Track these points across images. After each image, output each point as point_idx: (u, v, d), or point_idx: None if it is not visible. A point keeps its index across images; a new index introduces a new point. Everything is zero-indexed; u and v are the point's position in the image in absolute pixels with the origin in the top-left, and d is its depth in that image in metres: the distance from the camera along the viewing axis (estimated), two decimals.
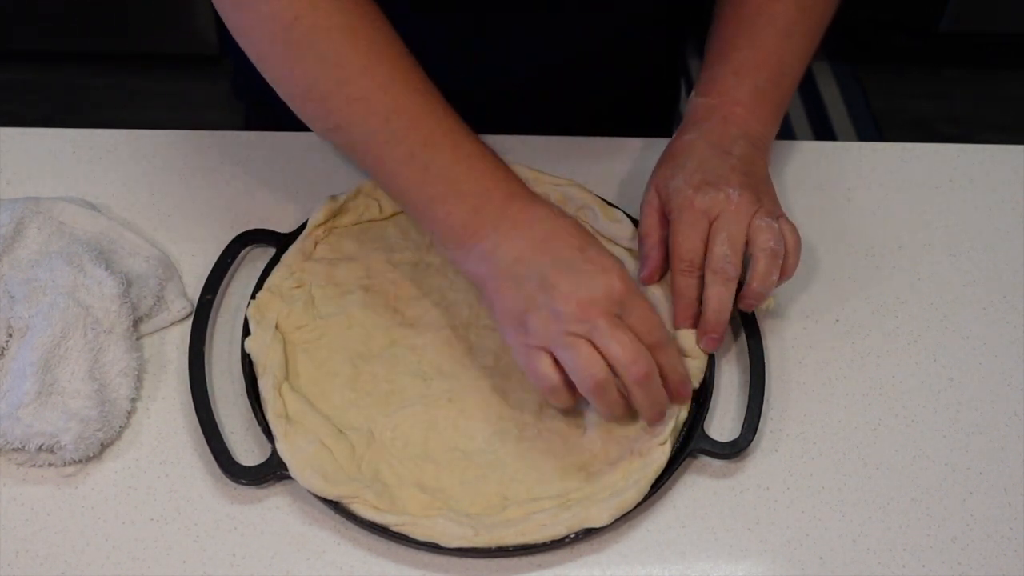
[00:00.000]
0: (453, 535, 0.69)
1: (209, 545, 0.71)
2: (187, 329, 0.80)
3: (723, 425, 0.78)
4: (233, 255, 0.84)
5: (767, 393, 0.78)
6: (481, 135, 0.91)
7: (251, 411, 0.75)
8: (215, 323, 0.81)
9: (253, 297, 0.81)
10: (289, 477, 0.72)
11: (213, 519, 0.72)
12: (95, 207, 0.87)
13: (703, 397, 0.77)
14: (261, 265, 0.84)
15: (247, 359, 0.77)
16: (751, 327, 0.81)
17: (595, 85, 1.00)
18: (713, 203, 0.78)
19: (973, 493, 0.75)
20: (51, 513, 0.72)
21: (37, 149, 0.93)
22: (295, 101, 0.76)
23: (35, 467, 0.73)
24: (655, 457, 0.73)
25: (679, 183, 0.79)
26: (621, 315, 0.71)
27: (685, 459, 0.74)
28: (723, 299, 0.77)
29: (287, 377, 0.76)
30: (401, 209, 0.84)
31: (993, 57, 2.42)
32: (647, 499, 0.72)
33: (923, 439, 0.78)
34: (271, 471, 0.72)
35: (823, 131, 2.27)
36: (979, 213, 0.93)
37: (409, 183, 0.74)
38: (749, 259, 0.79)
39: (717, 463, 0.76)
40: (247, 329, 0.79)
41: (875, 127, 2.29)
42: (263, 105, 1.06)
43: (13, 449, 0.72)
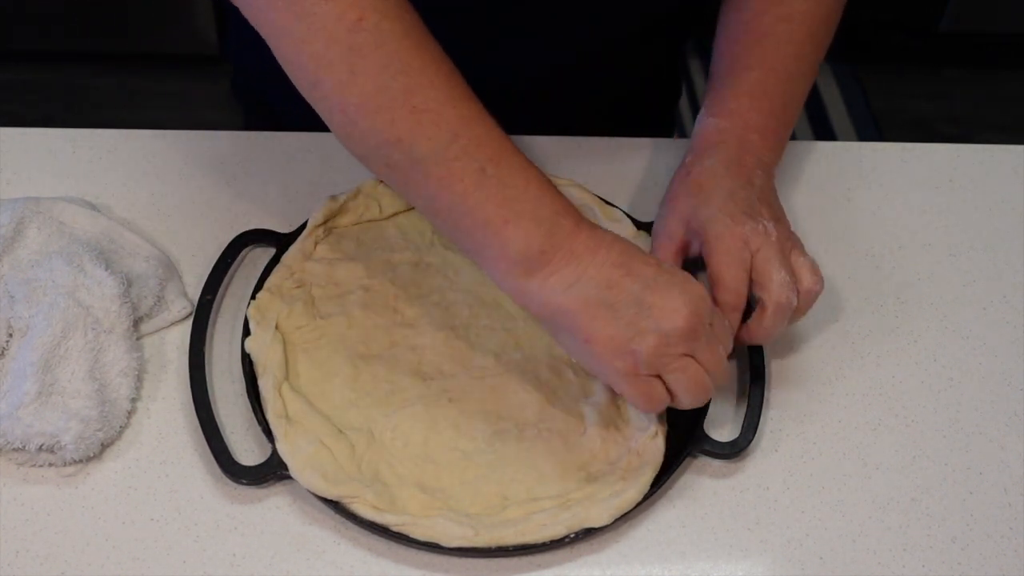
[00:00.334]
0: (453, 535, 0.69)
1: (209, 545, 0.71)
2: (187, 329, 0.80)
3: (723, 425, 0.78)
4: (233, 255, 0.84)
5: (767, 393, 0.78)
6: None
7: (251, 411, 0.75)
8: (215, 323, 0.82)
9: (253, 297, 0.81)
10: (289, 477, 0.72)
11: (213, 519, 0.72)
12: (95, 207, 0.87)
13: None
14: (261, 265, 0.84)
15: (247, 359, 0.77)
16: None
17: (595, 85, 1.00)
18: (754, 235, 0.75)
19: (973, 493, 0.75)
20: (51, 513, 0.72)
21: (37, 149, 0.93)
22: (350, 112, 0.69)
23: (35, 467, 0.73)
24: (653, 456, 0.73)
25: (712, 212, 0.76)
26: (712, 323, 0.71)
27: (685, 459, 0.74)
28: (777, 330, 0.75)
29: (287, 377, 0.76)
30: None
31: (993, 57, 2.42)
32: (647, 499, 0.72)
33: (923, 439, 0.78)
34: (271, 471, 0.72)
35: (823, 131, 2.27)
36: (979, 213, 0.93)
37: (479, 202, 0.68)
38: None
39: (717, 463, 0.76)
40: (247, 329, 0.79)
41: (875, 127, 2.30)
42: (263, 105, 1.05)
43: (13, 449, 0.72)
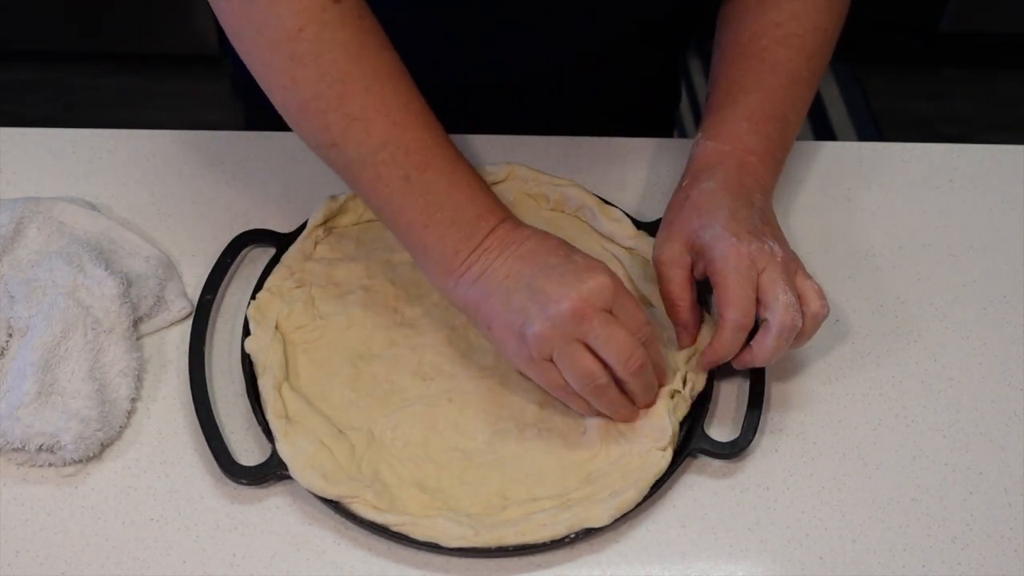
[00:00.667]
0: (453, 535, 0.69)
1: (209, 545, 0.71)
2: (187, 329, 0.80)
3: (723, 425, 0.78)
4: (233, 255, 0.84)
5: (767, 393, 0.78)
6: (481, 135, 0.91)
7: (251, 411, 0.75)
8: (215, 323, 0.81)
9: (253, 297, 0.81)
10: (289, 477, 0.72)
11: (213, 519, 0.72)
12: (95, 207, 0.87)
13: (703, 397, 0.77)
14: (261, 265, 0.84)
15: (247, 359, 0.77)
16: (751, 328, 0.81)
17: (595, 86, 1.00)
18: (760, 254, 0.74)
19: (973, 493, 0.75)
20: (51, 513, 0.72)
21: (37, 149, 0.93)
22: (291, 114, 0.75)
23: (35, 467, 0.73)
24: (656, 460, 0.73)
25: (717, 231, 0.75)
26: (612, 311, 0.71)
27: (685, 459, 0.74)
28: (780, 353, 0.74)
29: (287, 377, 0.76)
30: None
31: (993, 57, 2.42)
32: (647, 499, 0.72)
33: (923, 439, 0.78)
34: (271, 471, 0.72)
35: (823, 131, 2.27)
36: (979, 213, 0.93)
37: (402, 208, 0.74)
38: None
39: (717, 463, 0.76)
40: (247, 329, 0.79)
41: (875, 127, 2.29)
42: (263, 103, 1.06)
43: (13, 449, 0.72)
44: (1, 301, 0.78)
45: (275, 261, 0.83)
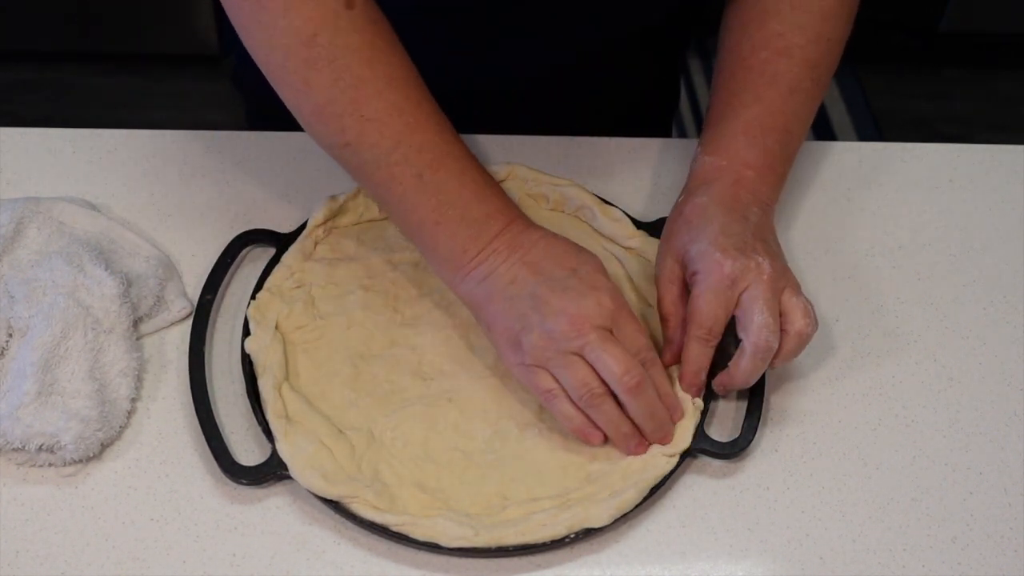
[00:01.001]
0: (453, 535, 0.69)
1: (209, 545, 0.71)
2: (187, 329, 0.80)
3: (723, 425, 0.78)
4: (233, 255, 0.84)
5: (767, 393, 0.78)
6: (482, 135, 0.91)
7: (251, 411, 0.75)
8: (215, 323, 0.81)
9: (253, 297, 0.81)
10: (289, 477, 0.72)
11: (213, 519, 0.72)
12: (95, 207, 0.87)
13: (703, 397, 0.77)
14: (261, 265, 0.84)
15: (247, 359, 0.77)
16: None
17: (596, 88, 1.00)
18: (744, 271, 0.74)
19: (973, 493, 0.75)
20: (51, 513, 0.72)
21: (37, 149, 0.93)
22: (306, 117, 0.76)
23: (35, 467, 0.73)
24: (659, 463, 0.73)
25: (704, 246, 0.75)
26: (612, 331, 0.72)
27: (685, 459, 0.74)
28: (757, 372, 0.74)
29: (287, 377, 0.76)
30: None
31: (993, 57, 2.42)
32: (647, 499, 0.72)
33: (923, 439, 0.78)
34: (271, 471, 0.72)
35: (823, 131, 2.27)
36: (979, 213, 0.93)
37: (415, 205, 0.75)
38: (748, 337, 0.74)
39: (717, 463, 0.76)
40: (247, 329, 0.79)
41: (875, 127, 2.29)
42: (263, 97, 1.06)
43: (13, 449, 0.72)
44: (1, 301, 0.78)
45: (275, 261, 0.83)
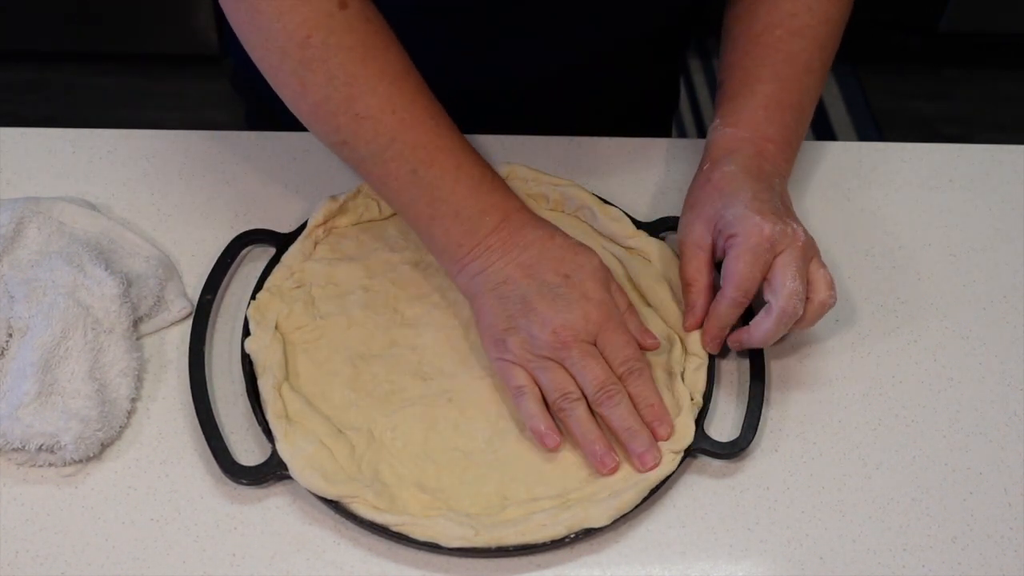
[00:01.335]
0: (453, 535, 0.69)
1: (209, 545, 0.71)
2: (187, 329, 0.80)
3: (723, 425, 0.78)
4: (233, 255, 0.84)
5: (767, 393, 0.78)
6: (482, 135, 0.91)
7: (251, 411, 0.75)
8: (215, 323, 0.81)
9: (253, 297, 0.81)
10: (289, 477, 0.72)
11: (213, 519, 0.72)
12: (95, 207, 0.87)
13: (703, 397, 0.77)
14: (261, 265, 0.84)
15: (247, 359, 0.77)
16: None
17: (597, 88, 1.00)
18: (782, 236, 0.75)
19: (973, 493, 0.75)
20: (51, 513, 0.72)
21: (37, 149, 0.93)
22: (304, 116, 0.78)
23: (35, 467, 0.73)
24: (662, 467, 0.73)
25: (740, 210, 0.76)
26: (597, 342, 0.74)
27: (685, 459, 0.74)
28: (777, 335, 0.75)
29: (287, 377, 0.76)
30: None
31: (993, 57, 2.42)
32: (647, 499, 0.72)
33: (923, 439, 0.78)
34: (271, 471, 0.72)
35: (823, 131, 2.27)
36: (979, 213, 0.93)
37: (411, 200, 0.77)
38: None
39: (717, 463, 0.76)
40: (247, 329, 0.79)
41: (875, 127, 2.29)
42: (262, 99, 1.06)
43: (13, 449, 0.72)
44: (1, 301, 0.78)
45: (275, 261, 0.83)
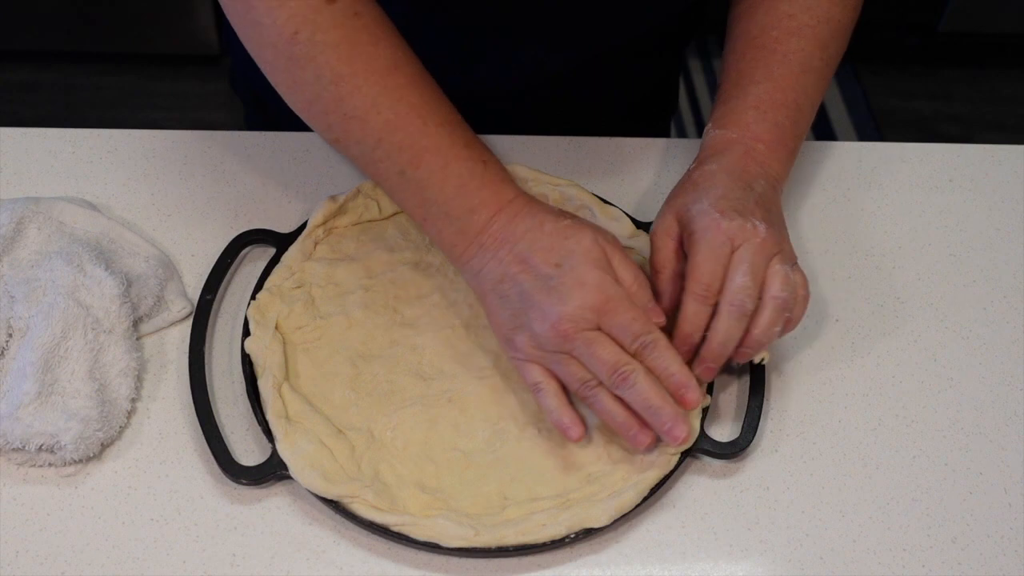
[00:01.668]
0: (453, 535, 0.69)
1: (209, 545, 0.71)
2: (187, 329, 0.80)
3: (723, 425, 0.78)
4: (233, 255, 0.84)
5: (767, 393, 0.78)
6: (482, 135, 0.91)
7: (251, 411, 0.75)
8: (215, 323, 0.81)
9: (253, 297, 0.81)
10: (289, 477, 0.72)
11: (213, 519, 0.72)
12: (95, 207, 0.87)
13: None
14: (261, 265, 0.84)
15: (247, 359, 0.77)
16: None
17: (596, 87, 1.00)
18: (740, 231, 0.74)
19: (973, 493, 0.75)
20: (51, 513, 0.72)
21: (37, 149, 0.93)
22: (301, 112, 0.78)
23: (35, 467, 0.73)
24: (662, 465, 0.73)
25: (704, 206, 0.76)
26: (602, 326, 0.72)
27: (685, 459, 0.74)
28: (732, 334, 0.73)
29: (287, 377, 0.76)
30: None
31: (993, 57, 2.42)
32: (647, 499, 0.72)
33: (923, 439, 0.78)
34: (271, 471, 0.72)
35: (823, 131, 2.27)
36: (979, 213, 0.93)
37: (403, 200, 0.77)
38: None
39: (717, 463, 0.76)
40: (247, 329, 0.79)
41: (875, 127, 2.30)
42: (262, 101, 1.06)
43: (13, 449, 0.72)
44: (1, 301, 0.78)
45: (275, 261, 0.83)
